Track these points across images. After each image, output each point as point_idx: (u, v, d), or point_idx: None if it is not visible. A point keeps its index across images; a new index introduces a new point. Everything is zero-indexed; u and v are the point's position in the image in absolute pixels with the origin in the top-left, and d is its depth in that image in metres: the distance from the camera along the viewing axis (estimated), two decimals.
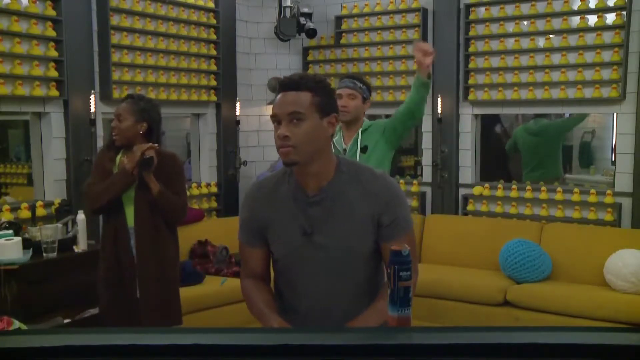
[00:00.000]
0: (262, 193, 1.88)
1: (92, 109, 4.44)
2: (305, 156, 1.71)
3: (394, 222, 1.76)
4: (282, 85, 1.77)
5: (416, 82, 3.07)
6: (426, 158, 5.46)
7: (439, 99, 5.25)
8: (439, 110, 5.25)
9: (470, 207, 5.28)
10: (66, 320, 3.67)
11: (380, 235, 1.78)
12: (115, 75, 4.69)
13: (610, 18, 4.68)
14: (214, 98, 5.56)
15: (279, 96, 1.76)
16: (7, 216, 3.97)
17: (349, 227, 1.77)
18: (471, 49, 5.25)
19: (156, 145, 2.97)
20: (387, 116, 3.33)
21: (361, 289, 1.83)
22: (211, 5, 5.50)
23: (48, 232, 3.67)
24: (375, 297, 1.83)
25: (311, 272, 1.81)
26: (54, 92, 4.28)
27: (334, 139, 3.23)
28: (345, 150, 3.21)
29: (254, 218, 1.87)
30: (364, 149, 3.15)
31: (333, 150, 1.89)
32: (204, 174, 5.58)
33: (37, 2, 4.19)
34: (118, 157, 3.05)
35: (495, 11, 5.16)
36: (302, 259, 1.80)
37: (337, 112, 1.79)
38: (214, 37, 5.52)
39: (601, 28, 4.70)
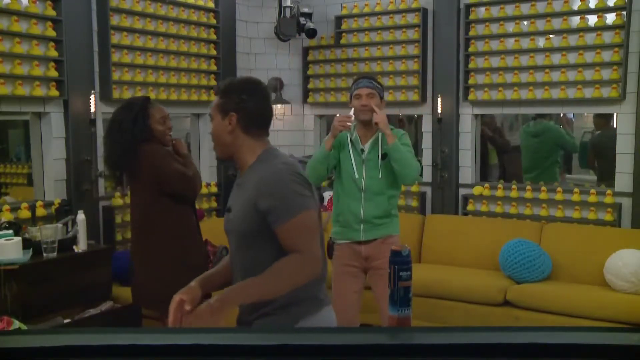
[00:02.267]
0: None
1: (92, 109, 4.44)
2: (219, 150, 2.06)
3: (268, 210, 1.89)
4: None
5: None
6: (426, 158, 5.46)
7: (439, 99, 5.25)
8: (439, 110, 5.25)
9: (470, 207, 5.28)
10: (66, 320, 3.67)
11: (267, 221, 1.91)
12: (115, 75, 4.69)
13: (610, 18, 4.68)
14: (214, 98, 5.55)
15: None
16: (7, 216, 3.97)
17: (240, 209, 1.99)
18: (471, 49, 5.25)
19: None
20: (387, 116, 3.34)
21: (250, 267, 1.95)
22: (211, 5, 5.50)
23: (48, 232, 3.67)
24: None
25: (230, 246, 2.08)
26: (54, 92, 4.28)
27: (351, 138, 3.25)
28: (363, 150, 3.24)
29: None
30: (383, 156, 3.22)
31: (352, 148, 1.91)
32: (204, 174, 5.58)
33: (37, 2, 4.19)
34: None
35: (495, 11, 5.16)
36: (226, 233, 2.08)
37: (237, 112, 1.99)
38: (214, 37, 5.52)
39: (601, 28, 4.70)
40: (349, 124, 3.17)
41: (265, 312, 1.94)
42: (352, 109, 3.24)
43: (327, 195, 5.57)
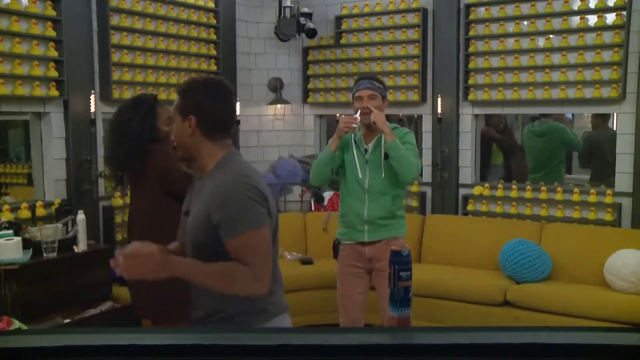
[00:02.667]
0: None
1: (92, 109, 4.44)
2: (179, 152, 2.01)
3: (220, 224, 1.84)
4: None
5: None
6: (426, 158, 5.46)
7: (439, 99, 5.25)
8: (439, 110, 5.25)
9: (470, 207, 5.28)
10: (66, 320, 3.67)
11: (219, 233, 1.86)
12: (115, 75, 4.69)
13: (610, 18, 4.68)
14: None
15: None
16: (7, 216, 3.97)
17: (195, 216, 1.94)
18: (471, 49, 5.25)
19: None
20: (386, 117, 3.33)
21: None
22: (211, 5, 5.50)
23: (48, 232, 3.67)
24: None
25: (186, 248, 2.01)
26: (54, 92, 4.28)
27: (355, 138, 3.24)
28: (366, 150, 3.24)
29: None
30: (386, 156, 3.20)
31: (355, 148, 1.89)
32: None
33: (37, 2, 4.19)
34: None
35: (495, 11, 5.16)
36: (182, 235, 2.06)
37: (196, 114, 1.91)
38: (214, 37, 5.52)
39: (601, 28, 4.70)
40: (354, 125, 3.15)
41: (213, 320, 1.94)
42: (359, 111, 3.20)
43: (327, 195, 5.58)
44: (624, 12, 4.56)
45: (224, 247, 1.85)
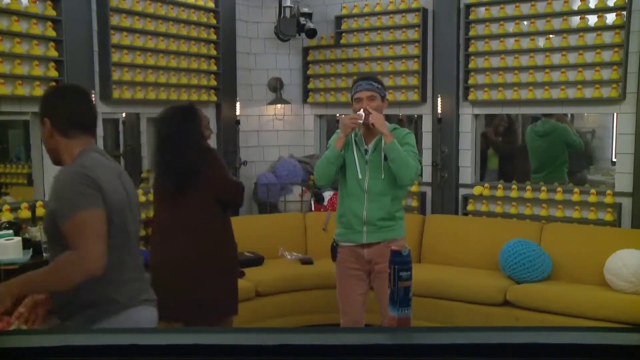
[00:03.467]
0: None
1: None
2: (50, 155, 2.17)
3: (54, 211, 1.98)
4: None
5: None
6: (426, 158, 5.46)
7: (439, 99, 5.25)
8: (439, 110, 5.25)
9: (470, 207, 5.28)
10: None
11: (57, 223, 1.99)
12: (115, 75, 4.69)
13: (610, 18, 4.68)
14: (214, 98, 5.56)
15: None
16: (7, 216, 3.97)
17: (46, 209, 2.11)
18: (471, 49, 5.25)
19: None
20: (386, 117, 3.33)
21: None
22: (211, 5, 5.50)
23: None
24: None
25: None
26: None
27: (355, 138, 3.23)
28: (366, 150, 3.22)
29: None
30: (386, 157, 3.18)
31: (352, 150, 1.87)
32: None
33: (37, 2, 4.19)
34: None
35: (495, 11, 5.16)
36: None
37: (49, 116, 2.08)
38: (214, 37, 5.52)
39: (601, 28, 4.70)
40: (360, 121, 3.14)
41: (67, 313, 2.05)
42: (362, 110, 3.17)
43: (327, 195, 5.57)
44: (624, 12, 4.56)
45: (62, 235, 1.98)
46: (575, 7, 4.81)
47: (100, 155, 2.14)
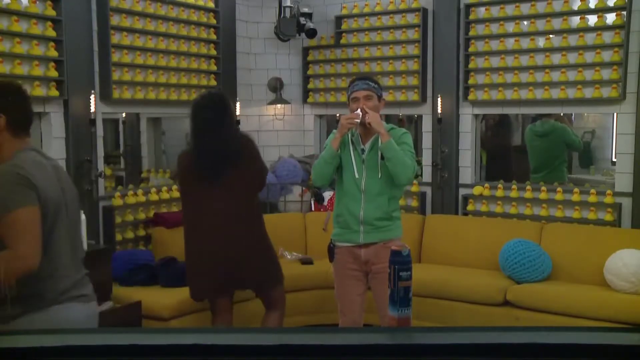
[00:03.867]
0: None
1: (92, 109, 4.44)
2: None
3: None
4: None
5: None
6: (426, 158, 5.46)
7: (439, 99, 5.25)
8: (439, 110, 5.25)
9: (470, 207, 5.28)
10: None
11: None
12: (115, 75, 4.69)
13: (610, 18, 4.68)
14: None
15: None
16: None
17: None
18: (471, 49, 5.25)
19: None
20: (387, 117, 3.33)
21: None
22: (211, 5, 5.50)
23: None
24: None
25: None
26: (54, 92, 4.28)
27: (352, 137, 3.23)
28: (363, 150, 3.22)
29: None
30: (383, 157, 3.18)
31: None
32: None
33: (37, 2, 4.19)
34: None
35: (495, 11, 5.16)
36: None
37: (8, 114, 2.09)
38: (214, 37, 5.52)
39: (601, 28, 4.70)
40: (356, 120, 3.14)
41: (4, 305, 2.05)
42: (359, 109, 3.17)
43: (327, 195, 5.57)
44: (624, 12, 4.56)
45: None
46: (575, 7, 4.81)
47: (36, 153, 2.18)
